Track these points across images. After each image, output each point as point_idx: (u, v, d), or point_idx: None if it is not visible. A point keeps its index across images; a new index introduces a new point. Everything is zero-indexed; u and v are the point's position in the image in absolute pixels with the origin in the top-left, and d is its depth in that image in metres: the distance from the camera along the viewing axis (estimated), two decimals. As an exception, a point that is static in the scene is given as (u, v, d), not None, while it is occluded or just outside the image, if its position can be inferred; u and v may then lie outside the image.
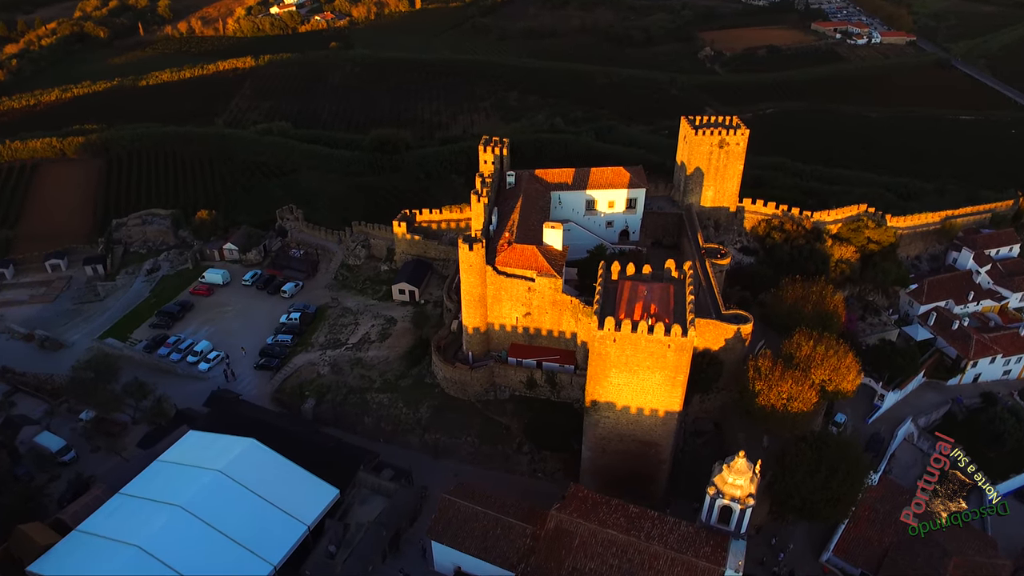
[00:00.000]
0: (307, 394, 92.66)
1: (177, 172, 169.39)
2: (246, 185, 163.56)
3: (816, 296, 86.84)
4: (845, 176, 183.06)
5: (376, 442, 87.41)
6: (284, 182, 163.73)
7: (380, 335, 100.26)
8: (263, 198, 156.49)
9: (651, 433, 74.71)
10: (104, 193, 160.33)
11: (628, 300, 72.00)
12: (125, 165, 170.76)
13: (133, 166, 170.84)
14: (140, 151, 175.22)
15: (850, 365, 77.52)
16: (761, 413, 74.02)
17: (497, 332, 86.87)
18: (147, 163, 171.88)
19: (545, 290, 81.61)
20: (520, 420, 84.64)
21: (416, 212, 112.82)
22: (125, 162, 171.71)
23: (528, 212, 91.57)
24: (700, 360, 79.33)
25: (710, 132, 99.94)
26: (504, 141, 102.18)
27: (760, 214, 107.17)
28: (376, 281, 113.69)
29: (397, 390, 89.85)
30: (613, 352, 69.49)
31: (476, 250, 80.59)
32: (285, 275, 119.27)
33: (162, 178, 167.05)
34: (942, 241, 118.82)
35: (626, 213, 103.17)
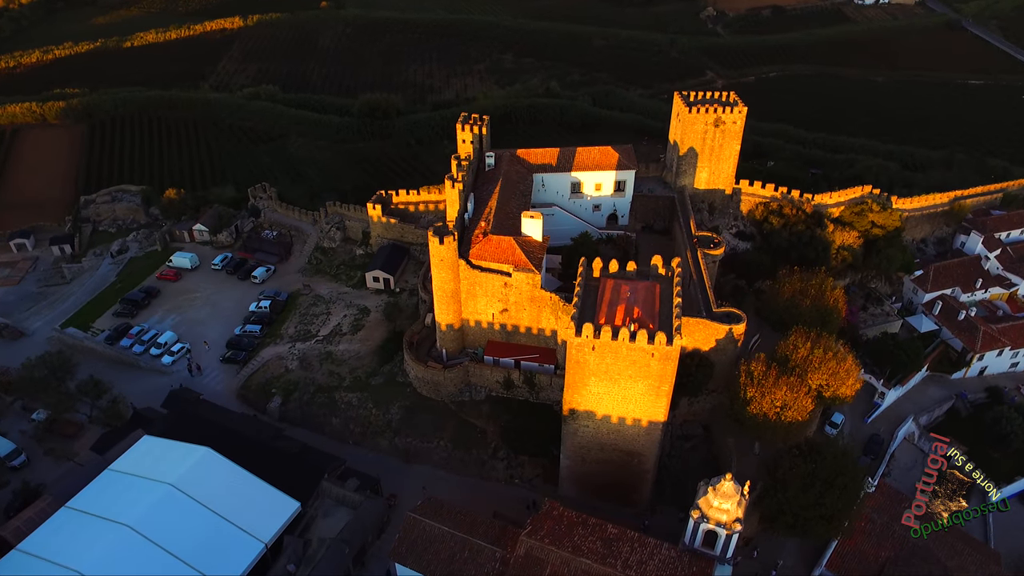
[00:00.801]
0: (274, 391, 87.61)
1: (162, 138, 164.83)
2: (232, 152, 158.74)
3: (815, 290, 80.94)
4: (849, 144, 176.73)
5: (345, 444, 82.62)
6: (271, 148, 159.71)
7: (352, 327, 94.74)
8: (250, 166, 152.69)
9: (634, 443, 69.74)
10: (86, 161, 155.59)
11: (610, 302, 66.20)
12: (108, 131, 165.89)
13: (116, 132, 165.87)
14: (123, 117, 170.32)
15: (850, 369, 72.24)
16: (752, 423, 68.90)
17: (473, 328, 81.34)
18: (130, 129, 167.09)
19: (522, 286, 75.78)
20: (496, 423, 79.66)
21: (392, 193, 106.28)
22: (108, 128, 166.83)
23: (507, 198, 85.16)
24: (688, 362, 74.02)
25: (705, 109, 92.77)
26: (484, 119, 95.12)
27: (758, 197, 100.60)
28: (351, 266, 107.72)
29: (367, 389, 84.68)
30: (592, 360, 64.04)
31: (447, 243, 74.55)
32: (257, 258, 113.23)
33: (146, 145, 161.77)
34: (950, 223, 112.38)
35: (614, 196, 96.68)
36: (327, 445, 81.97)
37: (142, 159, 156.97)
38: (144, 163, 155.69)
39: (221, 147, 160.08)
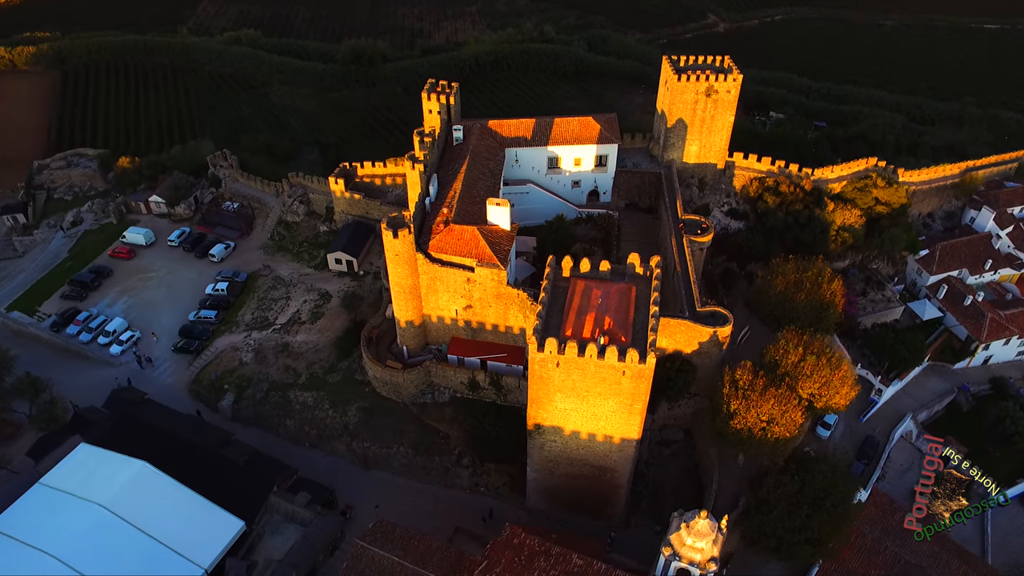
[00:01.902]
0: (226, 388, 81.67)
1: (138, 87, 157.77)
2: (212, 101, 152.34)
3: (810, 283, 73.81)
4: (855, 94, 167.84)
5: (300, 446, 77.22)
6: (253, 97, 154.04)
7: (312, 314, 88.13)
8: (230, 116, 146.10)
9: (605, 459, 64.05)
10: (59, 110, 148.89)
11: (578, 309, 59.33)
12: (82, 79, 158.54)
13: (91, 80, 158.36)
14: (98, 63, 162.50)
15: (844, 376, 65.85)
16: (736, 438, 62.92)
17: (435, 324, 74.76)
18: (105, 77, 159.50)
19: (487, 282, 68.78)
20: (461, 427, 73.88)
21: (356, 165, 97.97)
22: (82, 76, 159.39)
23: (474, 178, 77.27)
24: (668, 365, 67.72)
25: (696, 77, 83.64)
26: (453, 87, 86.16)
27: (753, 171, 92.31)
28: (314, 244, 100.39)
29: (324, 387, 78.65)
30: (557, 376, 57.65)
31: (403, 237, 67.20)
32: (216, 233, 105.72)
33: (122, 94, 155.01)
34: (960, 196, 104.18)
35: (595, 172, 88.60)
36: (281, 448, 76.59)
37: (118, 110, 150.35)
38: (120, 115, 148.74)
39: (201, 96, 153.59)
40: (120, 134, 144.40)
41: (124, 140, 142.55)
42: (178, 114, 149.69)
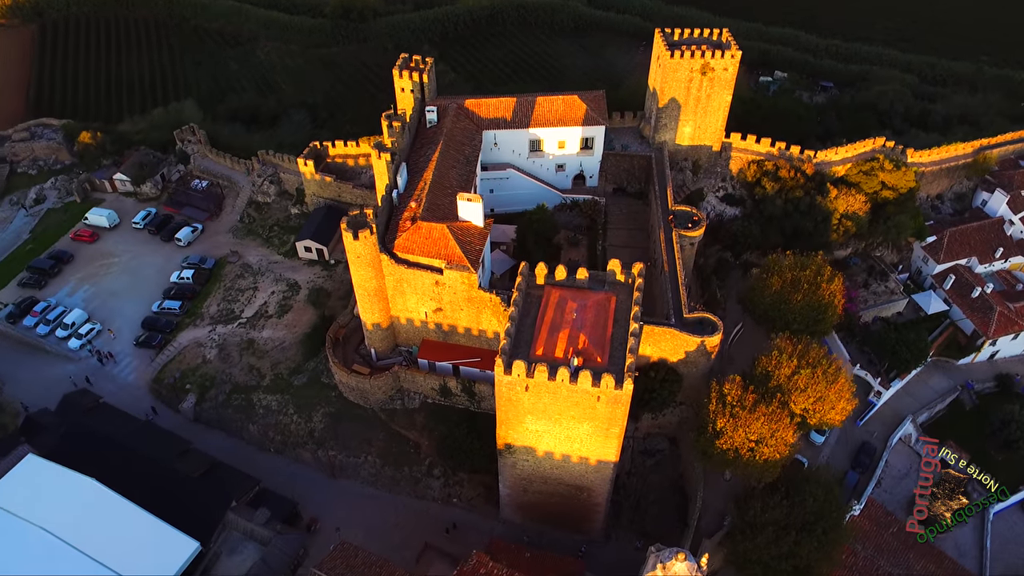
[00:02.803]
0: (188, 387, 77.40)
1: (120, 42, 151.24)
2: (196, 58, 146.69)
3: (809, 282, 68.42)
4: (864, 53, 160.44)
5: (265, 452, 73.27)
6: (239, 54, 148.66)
7: (279, 307, 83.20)
8: (215, 74, 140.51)
9: (582, 479, 59.94)
10: (38, 67, 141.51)
11: (551, 325, 54.30)
12: (61, 33, 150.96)
13: (70, 35, 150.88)
14: (78, 17, 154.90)
15: (841, 390, 61.15)
16: (721, 459, 58.57)
17: (404, 326, 69.90)
18: (85, 32, 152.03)
19: (457, 286, 63.60)
20: (432, 436, 69.73)
21: (328, 145, 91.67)
22: (61, 30, 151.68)
23: (447, 167, 71.36)
24: (652, 375, 63.02)
25: (690, 53, 76.67)
26: (427, 62, 79.42)
27: (751, 153, 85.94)
28: (285, 228, 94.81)
29: (289, 390, 74.31)
30: (527, 399, 53.03)
31: (364, 239, 61.76)
32: (184, 214, 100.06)
33: (103, 51, 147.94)
34: (971, 177, 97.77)
35: (581, 155, 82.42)
36: (245, 454, 72.72)
37: (99, 68, 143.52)
38: (101, 73, 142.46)
39: (185, 53, 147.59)
40: (101, 95, 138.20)
41: (105, 102, 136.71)
42: (161, 72, 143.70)
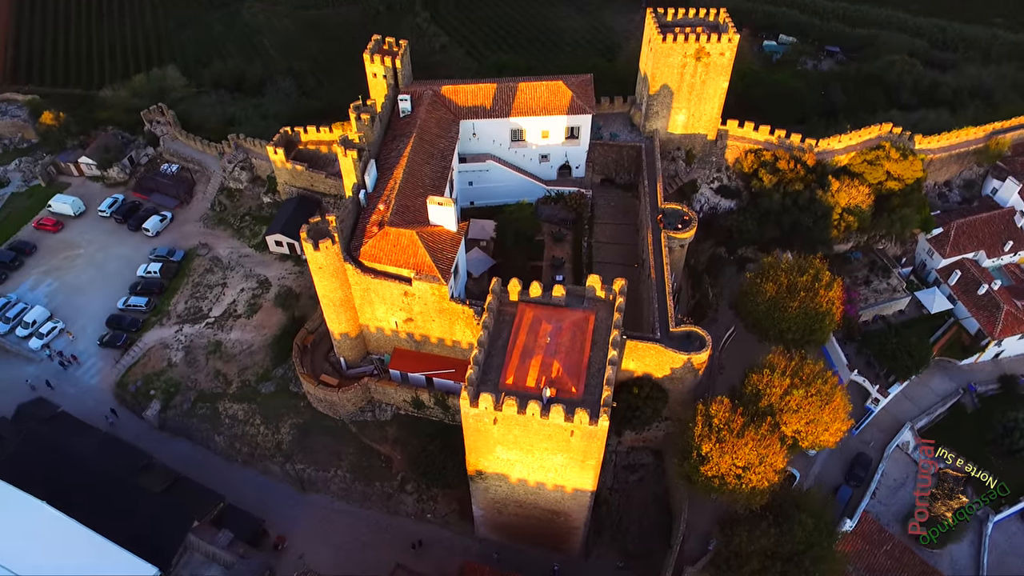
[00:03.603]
0: (153, 393, 73.95)
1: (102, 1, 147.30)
2: (181, 18, 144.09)
3: (806, 289, 64.07)
4: (872, 16, 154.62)
5: (233, 462, 70.12)
6: (225, 16, 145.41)
7: (248, 306, 79.15)
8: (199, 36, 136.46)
9: (558, 505, 56.68)
10: (15, 27, 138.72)
11: (523, 349, 50.27)
12: None
13: None
14: None
15: (836, 410, 57.44)
16: (706, 486, 55.15)
17: (374, 335, 65.97)
18: None
19: (427, 297, 59.39)
20: (404, 450, 66.39)
21: (300, 131, 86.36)
22: None
23: (420, 163, 66.45)
24: (636, 391, 59.21)
25: (684, 37, 70.87)
26: (401, 45, 73.77)
27: (748, 141, 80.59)
28: (256, 218, 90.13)
29: (256, 399, 70.78)
30: (496, 430, 49.33)
31: (325, 249, 57.27)
32: (153, 201, 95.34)
33: (83, 10, 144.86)
34: (982, 162, 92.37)
35: (566, 144, 77.24)
36: (211, 465, 69.67)
37: (79, 30, 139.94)
38: (82, 35, 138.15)
39: (168, 13, 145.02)
40: (82, 59, 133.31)
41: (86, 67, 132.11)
42: (144, 36, 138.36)
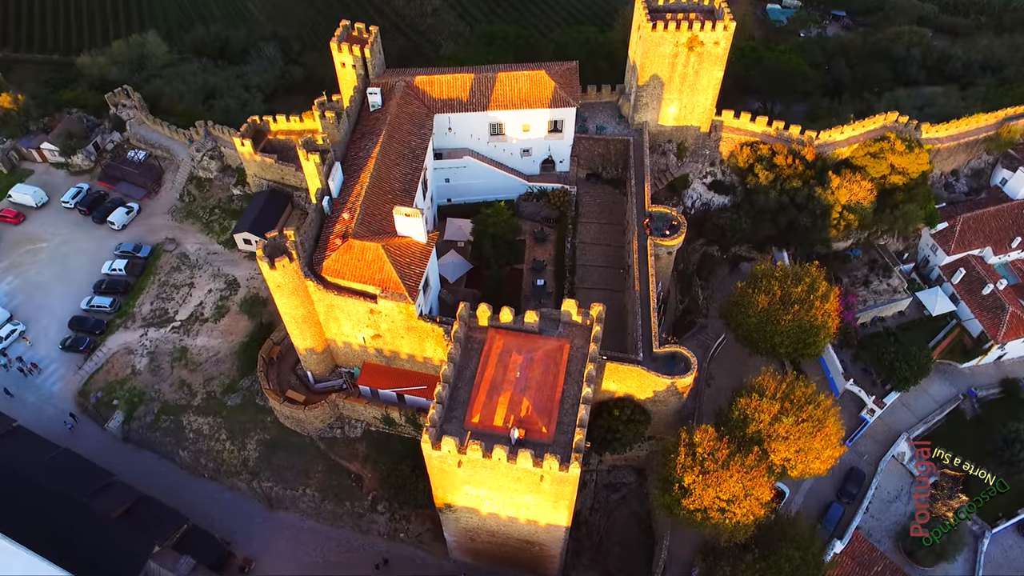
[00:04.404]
0: (115, 403, 70.78)
1: None
2: None
3: (800, 301, 60.18)
4: None
5: (199, 477, 67.28)
6: None
7: (215, 309, 75.43)
8: None
9: (532, 536, 53.79)
10: None
11: (492, 383, 46.67)
12: None
13: None
14: None
15: (829, 436, 54.13)
16: (688, 520, 52.20)
17: (342, 349, 62.34)
18: None
19: (394, 315, 55.57)
20: (375, 468, 63.42)
21: (269, 120, 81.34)
22: None
23: (388, 165, 61.89)
24: (616, 413, 55.86)
25: (676, 24, 65.44)
26: (371, 31, 68.42)
27: (744, 133, 75.67)
28: (226, 211, 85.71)
29: (221, 412, 67.54)
30: (462, 471, 46.03)
31: (281, 268, 53.20)
32: (119, 191, 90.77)
33: None
34: (992, 150, 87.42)
35: (549, 138, 72.43)
36: (177, 480, 66.87)
37: None
38: None
39: None
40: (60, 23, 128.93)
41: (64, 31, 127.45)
42: None
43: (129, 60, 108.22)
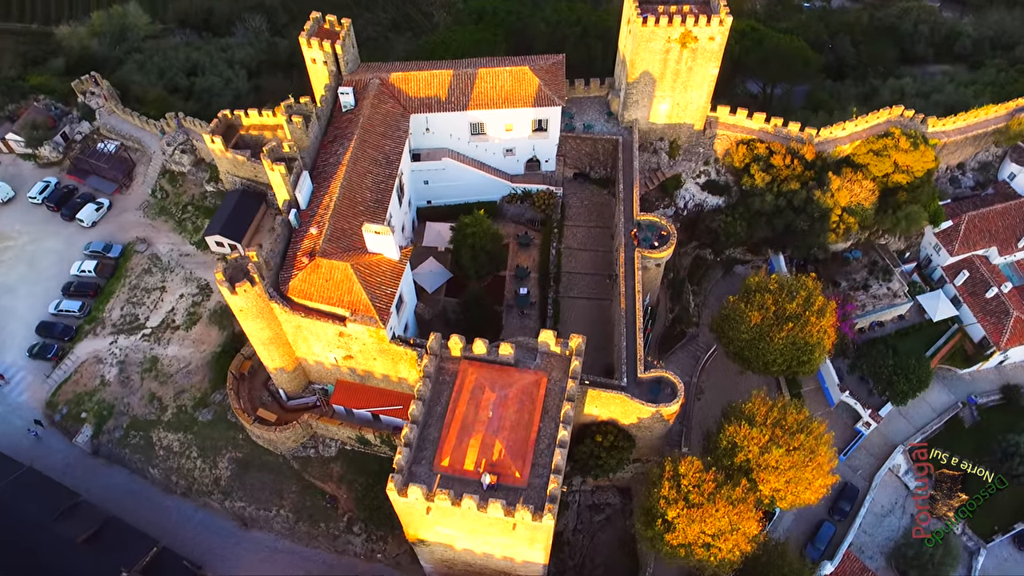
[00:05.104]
0: (84, 416, 68.35)
1: None
2: None
3: (795, 319, 57.21)
4: None
5: (171, 494, 65.18)
6: None
7: (187, 316, 72.48)
8: None
9: (511, 569, 51.65)
10: None
11: (463, 422, 43.97)
12: None
13: None
14: None
15: (821, 466, 51.72)
16: (672, 555, 50.03)
17: (314, 367, 59.57)
18: None
19: (364, 338, 52.65)
20: (351, 488, 61.25)
21: (240, 114, 77.13)
22: None
23: (360, 173, 58.29)
24: (599, 440, 53.36)
25: (668, 20, 60.97)
26: (343, 25, 64.10)
27: (741, 130, 71.60)
28: (199, 208, 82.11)
29: (192, 428, 65.09)
30: (432, 516, 43.61)
31: (244, 293, 50.03)
32: (89, 185, 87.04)
33: None
34: (1001, 143, 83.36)
35: (534, 137, 68.58)
36: (149, 497, 64.85)
37: None
38: None
39: None
40: None
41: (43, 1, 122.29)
42: None
43: (110, 31, 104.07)
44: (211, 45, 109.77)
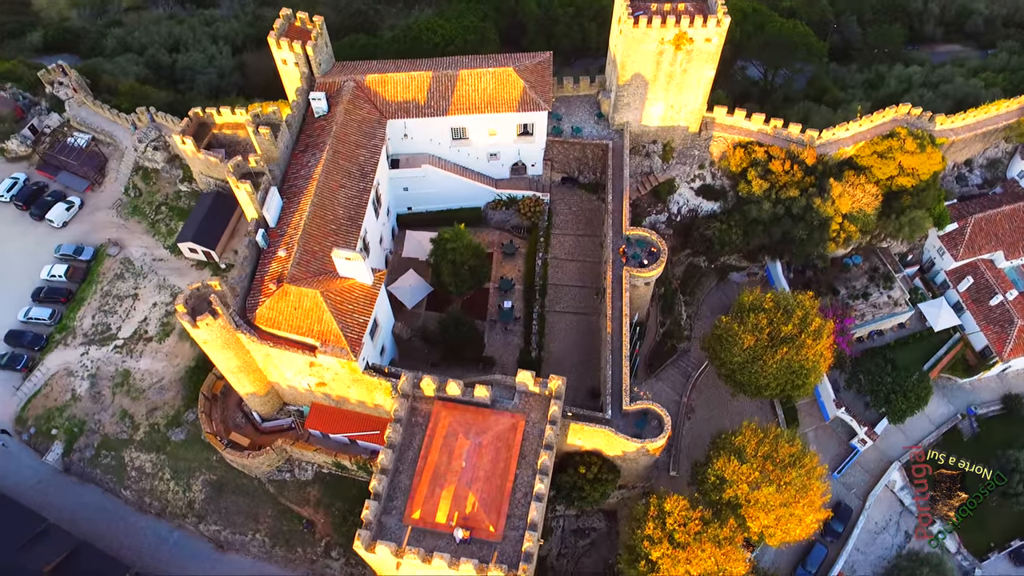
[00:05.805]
0: (54, 433, 66.18)
1: None
2: None
3: (790, 341, 54.56)
4: None
5: (146, 514, 63.39)
6: None
7: (160, 327, 69.77)
8: None
9: (489, 608, 49.93)
10: None
11: (435, 470, 41.62)
12: None
13: None
14: None
15: (813, 502, 49.63)
16: (655, 596, 48.26)
17: (288, 391, 57.13)
18: None
19: (336, 368, 50.07)
20: (328, 512, 59.30)
21: (212, 112, 73.34)
22: None
23: (332, 189, 55.06)
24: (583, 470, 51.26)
25: (661, 20, 56.85)
26: (315, 22, 60.09)
27: (738, 132, 67.79)
28: (173, 209, 78.77)
29: (165, 448, 62.88)
30: (404, 569, 41.55)
31: (206, 326, 47.21)
32: (59, 182, 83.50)
33: None
34: (1011, 139, 79.56)
35: (519, 142, 65.01)
36: (122, 516, 62.92)
37: None
38: None
39: None
40: None
41: None
42: None
43: (91, 2, 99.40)
44: (195, 18, 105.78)
